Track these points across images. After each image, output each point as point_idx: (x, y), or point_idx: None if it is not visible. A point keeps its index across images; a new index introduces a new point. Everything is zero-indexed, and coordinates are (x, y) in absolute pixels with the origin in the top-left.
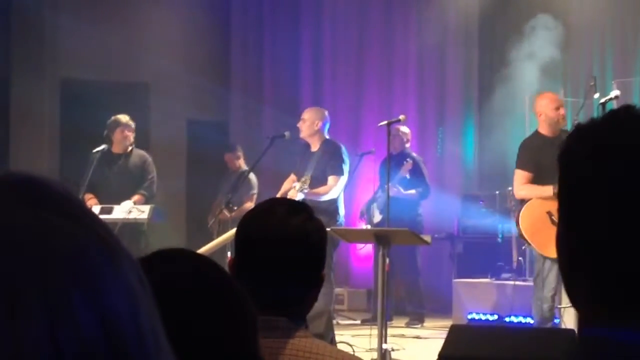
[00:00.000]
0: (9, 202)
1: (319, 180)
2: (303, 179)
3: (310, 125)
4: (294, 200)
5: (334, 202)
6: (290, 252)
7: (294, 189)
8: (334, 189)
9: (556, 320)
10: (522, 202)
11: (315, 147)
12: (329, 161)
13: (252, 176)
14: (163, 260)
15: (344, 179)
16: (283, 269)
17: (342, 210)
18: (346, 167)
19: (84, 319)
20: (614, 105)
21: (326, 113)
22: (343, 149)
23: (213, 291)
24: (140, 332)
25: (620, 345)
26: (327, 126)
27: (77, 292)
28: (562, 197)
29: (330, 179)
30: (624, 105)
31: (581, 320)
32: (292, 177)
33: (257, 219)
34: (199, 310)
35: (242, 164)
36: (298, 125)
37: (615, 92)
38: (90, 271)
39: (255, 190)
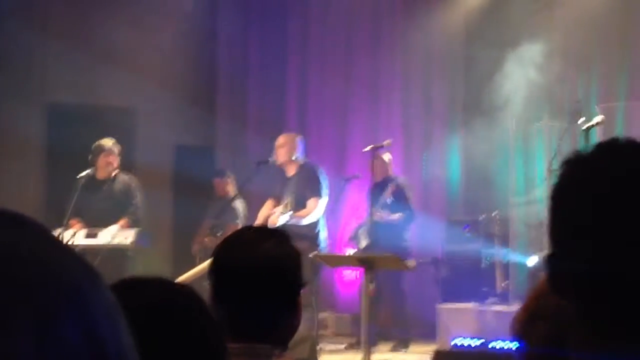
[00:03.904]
0: None
1: (299, 204)
2: (285, 203)
3: (289, 151)
4: (264, 227)
5: (314, 227)
6: (261, 279)
7: (274, 214)
8: (315, 211)
9: None
10: None
11: (291, 171)
12: (307, 184)
13: (240, 203)
14: (135, 286)
15: (324, 200)
16: (256, 295)
17: (323, 235)
18: (325, 189)
19: (71, 336)
20: (597, 130)
21: (300, 137)
22: (320, 170)
23: (180, 319)
24: (121, 352)
25: None
26: (302, 150)
27: (64, 309)
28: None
29: (311, 201)
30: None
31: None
32: (270, 202)
33: (227, 248)
34: (164, 339)
35: (231, 190)
36: (275, 152)
37: (598, 118)
38: (75, 289)
39: (239, 220)
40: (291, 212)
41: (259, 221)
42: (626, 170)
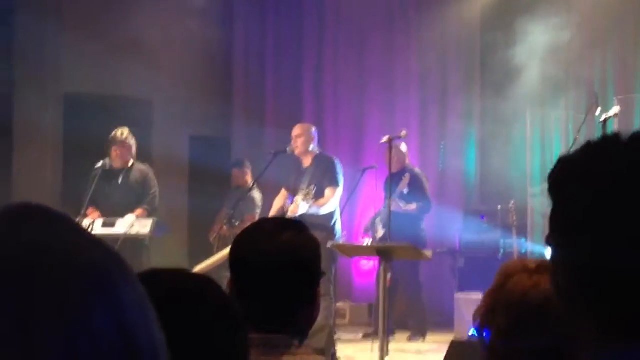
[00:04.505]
0: (24, 224)
1: (316, 194)
2: (306, 191)
3: (305, 141)
4: (283, 218)
5: (330, 218)
6: (280, 269)
7: (295, 203)
8: (332, 201)
9: None
10: None
11: (307, 162)
12: (324, 174)
13: (257, 193)
14: (158, 278)
15: (340, 189)
16: (275, 286)
17: (339, 225)
18: (341, 178)
19: (103, 327)
20: (615, 122)
21: (315, 128)
22: (336, 161)
23: (205, 310)
24: (153, 343)
25: None
26: (317, 141)
27: (95, 301)
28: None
29: (328, 191)
30: (610, 134)
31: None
32: (284, 193)
33: (247, 238)
34: (191, 329)
35: (250, 180)
36: (292, 142)
37: (615, 109)
38: (106, 281)
39: (258, 209)
40: (312, 202)
41: (273, 211)
42: (627, 163)
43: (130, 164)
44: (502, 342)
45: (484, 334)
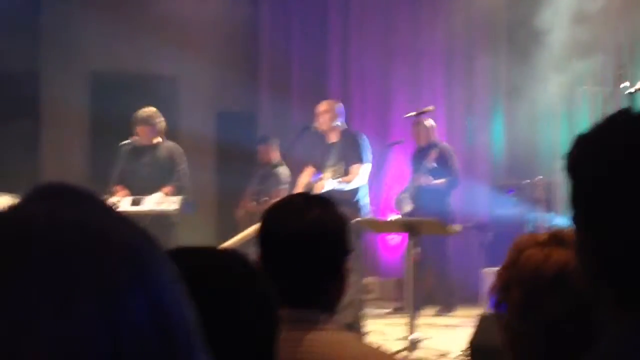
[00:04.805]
0: (57, 204)
1: (343, 171)
2: (334, 168)
3: (331, 117)
4: (311, 194)
5: (356, 193)
6: (308, 244)
7: (322, 179)
8: (359, 177)
9: None
10: None
11: (334, 138)
12: (351, 150)
13: (284, 169)
14: (187, 255)
15: (368, 165)
16: (304, 261)
17: (365, 201)
18: (368, 154)
19: (135, 306)
20: None
21: (341, 104)
22: (363, 136)
23: (235, 286)
24: (185, 322)
25: None
26: (343, 117)
27: (132, 287)
28: (579, 201)
29: (355, 167)
30: (622, 109)
31: (609, 322)
32: (309, 169)
33: (276, 214)
34: (221, 305)
35: (276, 156)
36: (317, 118)
37: None
38: (139, 260)
39: (285, 185)
40: (339, 178)
41: (299, 188)
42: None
43: (157, 141)
44: (518, 317)
45: (501, 311)
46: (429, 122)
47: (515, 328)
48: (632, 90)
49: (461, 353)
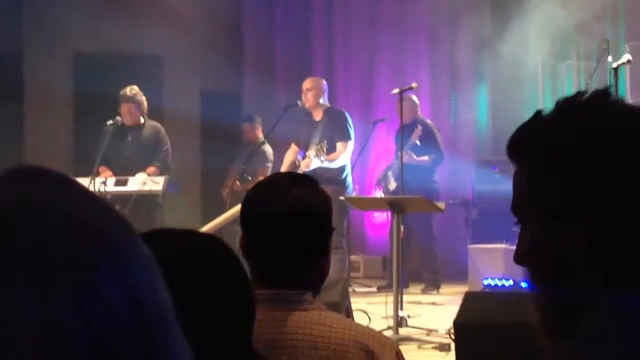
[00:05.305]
0: (31, 187)
1: (328, 148)
2: (318, 146)
3: (316, 94)
4: (294, 173)
5: (342, 171)
6: (291, 223)
7: (308, 158)
8: (344, 154)
9: None
10: None
11: (318, 116)
12: (336, 128)
13: (268, 147)
14: (163, 238)
15: (351, 143)
16: (287, 241)
17: (350, 179)
18: (352, 132)
19: (111, 291)
20: (627, 69)
21: (325, 82)
22: (347, 114)
23: (210, 270)
24: (160, 305)
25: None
26: (327, 95)
27: (103, 265)
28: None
29: (339, 145)
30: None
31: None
32: (294, 148)
33: (259, 193)
34: (196, 289)
35: (261, 135)
36: (303, 95)
37: (627, 57)
38: (114, 246)
39: (269, 163)
40: (324, 157)
41: (284, 166)
42: (589, 123)
43: (141, 121)
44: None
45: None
46: (414, 98)
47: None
48: (616, 65)
49: (446, 331)
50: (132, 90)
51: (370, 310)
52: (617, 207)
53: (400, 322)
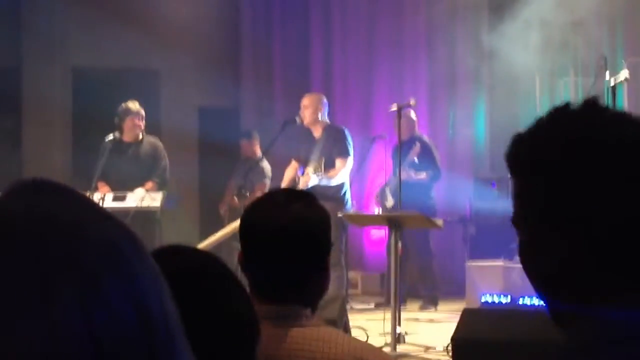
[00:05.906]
0: (38, 198)
1: (327, 165)
2: (316, 164)
3: (314, 111)
4: (293, 189)
5: (340, 188)
6: (290, 239)
7: (306, 174)
8: (343, 171)
9: None
10: None
11: (318, 132)
12: (335, 145)
13: (266, 163)
14: (165, 256)
15: (350, 159)
16: (286, 257)
17: (349, 195)
18: (351, 149)
19: (118, 304)
20: (624, 87)
21: (324, 98)
22: (346, 131)
23: (213, 287)
24: (166, 316)
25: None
26: (326, 111)
27: (110, 278)
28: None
29: (338, 161)
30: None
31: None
32: (294, 164)
33: (258, 209)
34: (200, 306)
35: (259, 151)
36: (300, 112)
37: (624, 74)
38: (121, 258)
39: (267, 179)
40: (322, 173)
41: (285, 182)
42: (578, 133)
43: (140, 137)
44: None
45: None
46: (412, 115)
47: None
48: (613, 82)
49: (444, 348)
50: (136, 104)
51: (368, 327)
52: (609, 215)
53: (398, 339)
